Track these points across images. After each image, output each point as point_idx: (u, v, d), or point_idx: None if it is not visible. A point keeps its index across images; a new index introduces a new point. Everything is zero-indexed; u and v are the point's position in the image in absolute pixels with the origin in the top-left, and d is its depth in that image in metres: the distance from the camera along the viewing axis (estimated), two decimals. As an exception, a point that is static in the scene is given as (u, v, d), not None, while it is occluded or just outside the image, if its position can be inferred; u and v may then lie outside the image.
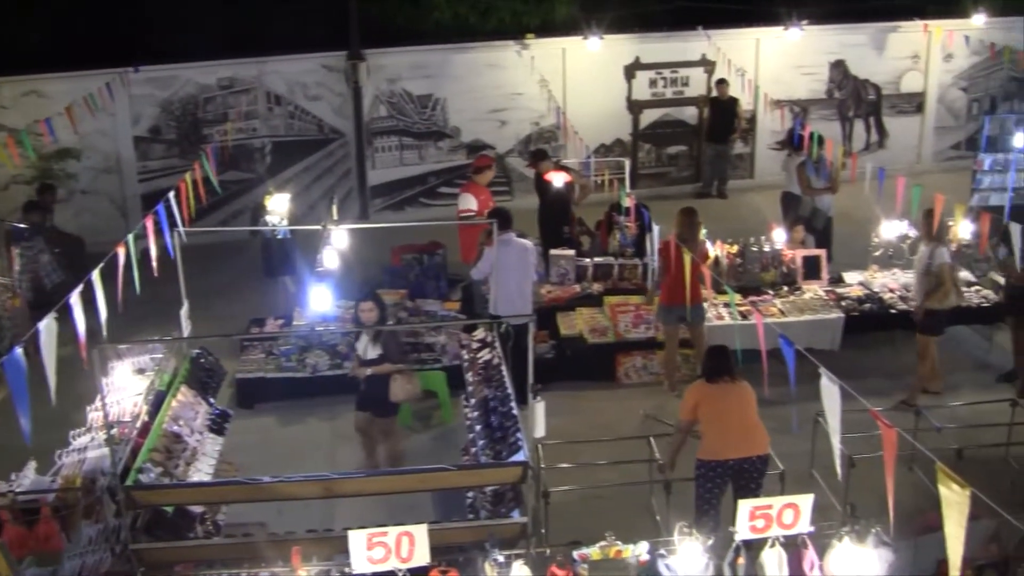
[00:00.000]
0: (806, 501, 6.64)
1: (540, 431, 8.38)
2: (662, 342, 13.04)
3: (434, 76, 19.40)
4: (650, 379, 13.28)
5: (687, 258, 10.55)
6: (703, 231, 13.36)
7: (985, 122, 19.04)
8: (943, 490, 5.57)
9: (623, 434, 11.41)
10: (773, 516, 6.61)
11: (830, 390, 6.75)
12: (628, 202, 14.37)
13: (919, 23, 21.20)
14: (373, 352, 10.53)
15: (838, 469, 7.61)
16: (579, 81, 19.86)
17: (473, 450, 9.37)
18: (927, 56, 21.71)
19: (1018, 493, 10.53)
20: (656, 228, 11.66)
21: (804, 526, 6.67)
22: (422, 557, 6.33)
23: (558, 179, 15.29)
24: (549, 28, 19.96)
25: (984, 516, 7.71)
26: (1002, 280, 13.47)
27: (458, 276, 14.95)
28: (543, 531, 9.12)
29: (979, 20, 20.90)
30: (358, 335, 10.71)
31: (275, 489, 7.93)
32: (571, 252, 14.76)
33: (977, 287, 14.08)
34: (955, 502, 5.49)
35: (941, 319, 12.30)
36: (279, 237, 14.57)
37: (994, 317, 13.74)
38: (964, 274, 14.34)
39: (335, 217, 13.42)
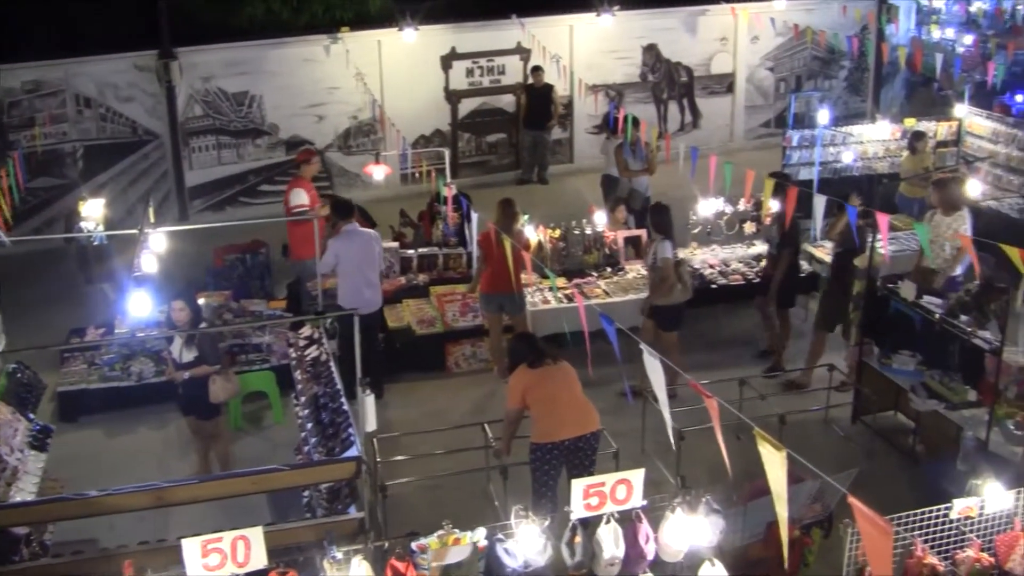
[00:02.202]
0: (637, 476, 6.80)
1: (371, 425, 8.40)
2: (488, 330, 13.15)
3: (249, 73, 19.10)
4: (480, 366, 13.39)
5: (507, 245, 10.65)
6: (525, 218, 13.52)
7: (791, 100, 19.77)
8: (763, 452, 5.79)
9: (457, 422, 11.48)
10: (607, 493, 6.74)
11: (653, 365, 6.93)
12: (447, 192, 14.44)
13: (727, 6, 21.86)
14: (188, 355, 10.34)
15: (671, 440, 7.81)
16: (396, 73, 19.81)
17: (306, 448, 9.32)
18: (735, 38, 22.39)
19: (837, 453, 11.00)
20: (475, 216, 11.75)
21: (637, 500, 6.83)
22: (259, 560, 6.27)
23: (378, 172, 15.27)
24: (364, 21, 19.85)
25: (808, 478, 8.05)
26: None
27: (284, 274, 14.82)
28: (382, 525, 9.13)
29: (781, 3, 21.73)
30: (171, 338, 10.52)
31: (104, 503, 7.74)
32: (395, 244, 14.76)
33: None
34: (774, 462, 5.72)
35: (674, 313, 12.32)
36: (95, 243, 14.18)
37: (811, 287, 14.25)
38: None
39: (152, 220, 13.10)
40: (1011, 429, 9.99)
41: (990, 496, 6.97)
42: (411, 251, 14.73)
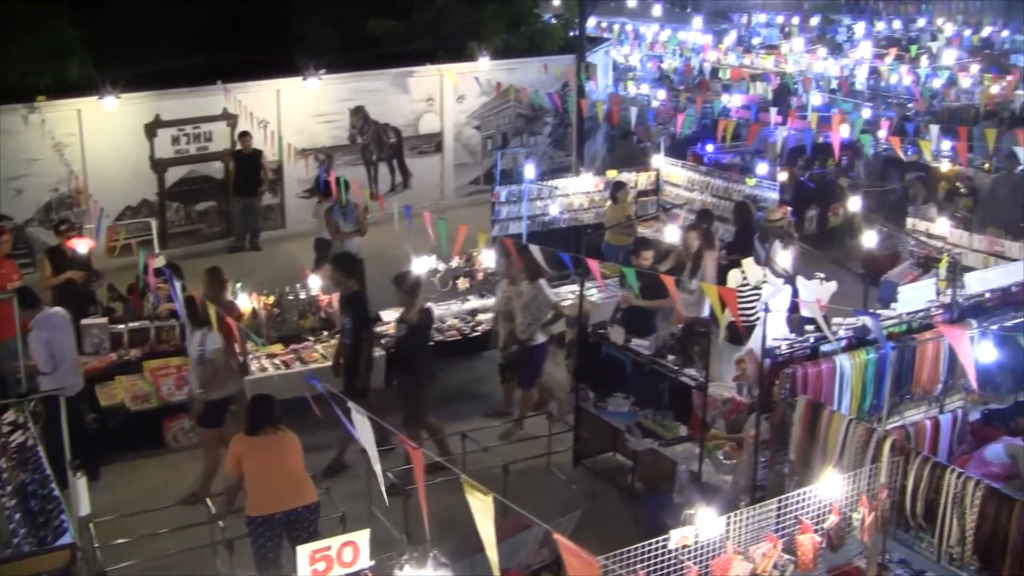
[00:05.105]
0: (363, 537, 6.81)
1: (84, 509, 8.09)
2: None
3: (-61, 145, 18.10)
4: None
5: (212, 314, 10.50)
6: (238, 286, 13.34)
7: (498, 157, 20.32)
8: (471, 500, 5.88)
9: (179, 499, 11.19)
10: (333, 556, 6.71)
11: (361, 423, 6.98)
12: (150, 263, 14.07)
13: (433, 68, 22.31)
14: None
15: (385, 496, 7.83)
16: (98, 143, 19.14)
17: (15, 540, 8.84)
18: (441, 98, 22.86)
19: (561, 497, 11.28)
20: (177, 285, 11.53)
21: (364, 561, 6.83)
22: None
23: (81, 245, 14.71)
24: (62, 89, 19.12)
25: (534, 524, 8.22)
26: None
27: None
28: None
29: (486, 63, 22.40)
30: None
31: None
32: (104, 320, 14.23)
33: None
34: (482, 509, 5.82)
35: (224, 406, 11.68)
36: None
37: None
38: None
39: None
40: (720, 459, 10.56)
41: (703, 524, 7.28)
42: (121, 326, 14.23)
